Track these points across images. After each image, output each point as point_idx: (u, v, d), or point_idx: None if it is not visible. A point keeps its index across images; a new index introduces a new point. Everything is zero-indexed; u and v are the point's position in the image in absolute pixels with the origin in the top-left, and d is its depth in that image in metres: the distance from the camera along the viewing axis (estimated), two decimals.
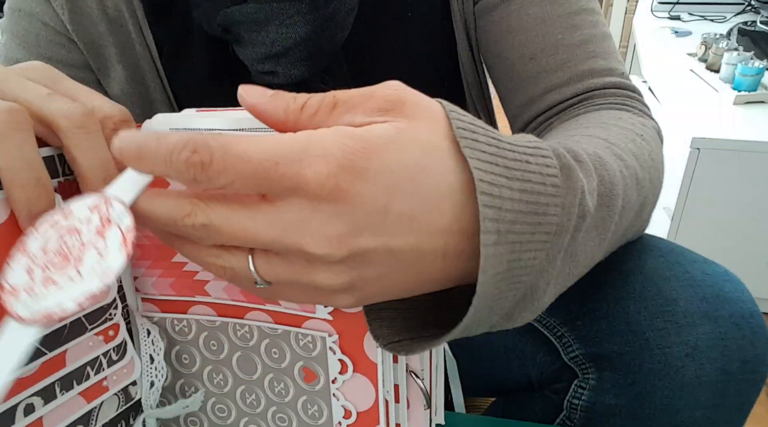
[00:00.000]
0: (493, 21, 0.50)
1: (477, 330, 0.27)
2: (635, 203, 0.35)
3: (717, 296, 0.40)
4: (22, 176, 0.25)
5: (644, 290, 0.41)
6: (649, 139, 0.41)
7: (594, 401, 0.44)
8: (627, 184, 0.33)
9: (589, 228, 0.29)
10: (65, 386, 0.28)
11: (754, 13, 1.64)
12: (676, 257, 0.43)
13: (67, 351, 0.28)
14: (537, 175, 0.25)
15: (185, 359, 0.37)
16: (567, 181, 0.26)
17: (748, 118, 1.16)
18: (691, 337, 0.39)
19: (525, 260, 0.25)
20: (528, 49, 0.48)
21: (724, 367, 0.39)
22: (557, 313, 0.47)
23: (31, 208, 0.26)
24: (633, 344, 0.41)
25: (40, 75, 0.29)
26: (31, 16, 0.50)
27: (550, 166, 0.25)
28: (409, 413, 0.34)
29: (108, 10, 0.50)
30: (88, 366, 0.29)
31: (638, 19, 1.79)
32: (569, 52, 0.47)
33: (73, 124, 0.27)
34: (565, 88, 0.47)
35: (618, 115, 0.44)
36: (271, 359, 0.35)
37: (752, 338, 0.39)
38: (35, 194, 0.25)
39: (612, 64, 0.48)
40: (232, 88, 0.36)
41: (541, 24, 0.48)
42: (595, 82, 0.47)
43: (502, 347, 0.54)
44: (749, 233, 1.18)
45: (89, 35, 0.51)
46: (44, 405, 0.27)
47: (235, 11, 0.45)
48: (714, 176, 1.13)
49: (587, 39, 0.48)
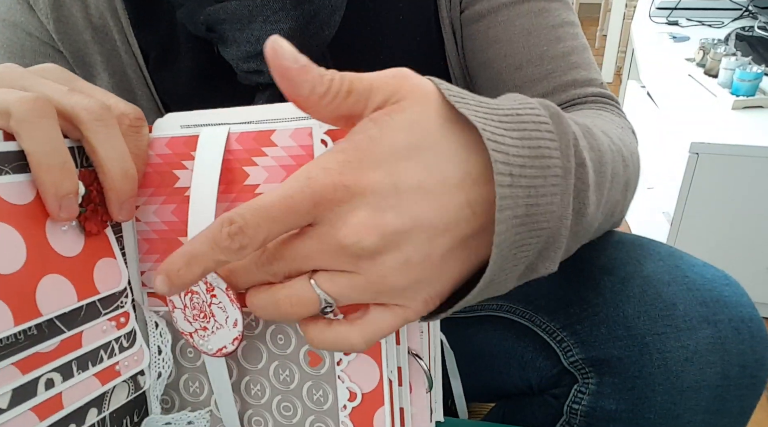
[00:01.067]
0: (480, 31, 0.51)
1: (504, 283, 0.28)
2: (622, 179, 0.37)
3: (716, 300, 0.40)
4: (49, 160, 0.27)
5: (644, 294, 0.41)
6: (628, 133, 0.43)
7: (594, 405, 0.44)
8: (614, 157, 0.35)
9: (591, 182, 0.30)
10: (81, 366, 0.30)
11: (752, 19, 1.65)
12: (675, 261, 0.43)
13: (83, 333, 0.30)
14: (531, 124, 0.26)
15: (190, 352, 0.37)
16: (559, 127, 0.27)
17: (747, 123, 1.16)
18: (690, 341, 0.39)
19: (543, 206, 0.26)
20: (515, 60, 0.50)
21: (724, 371, 0.39)
22: (557, 317, 0.47)
23: (57, 190, 0.27)
24: (633, 349, 0.41)
25: (57, 76, 0.31)
26: (15, 26, 0.50)
27: (540, 115, 0.27)
28: (412, 397, 0.34)
29: (93, 18, 0.50)
30: (101, 349, 0.31)
31: (636, 25, 1.80)
32: (554, 64, 0.49)
33: (93, 116, 0.29)
34: (550, 97, 0.49)
35: (598, 113, 0.47)
36: (277, 345, 0.35)
37: (752, 342, 0.39)
38: (60, 178, 0.27)
39: (592, 75, 0.50)
40: (219, 91, 0.38)
41: (527, 36, 0.49)
42: (578, 92, 0.49)
43: (502, 351, 0.54)
44: (748, 237, 1.18)
45: (75, 44, 0.51)
46: (63, 382, 0.29)
47: (218, 9, 0.45)
48: (713, 181, 1.14)
49: (570, 51, 0.50)
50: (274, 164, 0.33)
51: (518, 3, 0.49)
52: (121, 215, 0.32)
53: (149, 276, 0.36)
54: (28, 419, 0.27)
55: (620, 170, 0.36)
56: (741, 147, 1.09)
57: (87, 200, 0.30)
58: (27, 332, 0.27)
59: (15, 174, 0.27)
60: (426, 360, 0.34)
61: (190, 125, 0.35)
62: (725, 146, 1.09)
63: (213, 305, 0.33)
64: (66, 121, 0.29)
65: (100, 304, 0.32)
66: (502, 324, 0.53)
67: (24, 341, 0.27)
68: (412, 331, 0.34)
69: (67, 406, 0.29)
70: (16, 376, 0.26)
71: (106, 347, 0.32)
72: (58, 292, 0.28)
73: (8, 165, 0.26)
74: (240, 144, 0.34)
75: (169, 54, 0.51)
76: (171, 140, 0.35)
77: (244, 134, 0.34)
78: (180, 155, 0.35)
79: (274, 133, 0.33)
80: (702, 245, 1.21)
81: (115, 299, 0.33)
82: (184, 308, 0.34)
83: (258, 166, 0.33)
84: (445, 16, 0.52)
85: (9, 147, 0.27)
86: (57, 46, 0.51)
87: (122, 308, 0.33)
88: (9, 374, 0.26)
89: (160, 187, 0.35)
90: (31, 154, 0.27)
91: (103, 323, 0.32)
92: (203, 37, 0.48)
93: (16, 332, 0.26)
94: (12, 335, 0.26)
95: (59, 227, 0.29)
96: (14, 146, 0.27)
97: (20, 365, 0.26)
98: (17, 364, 0.26)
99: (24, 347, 0.27)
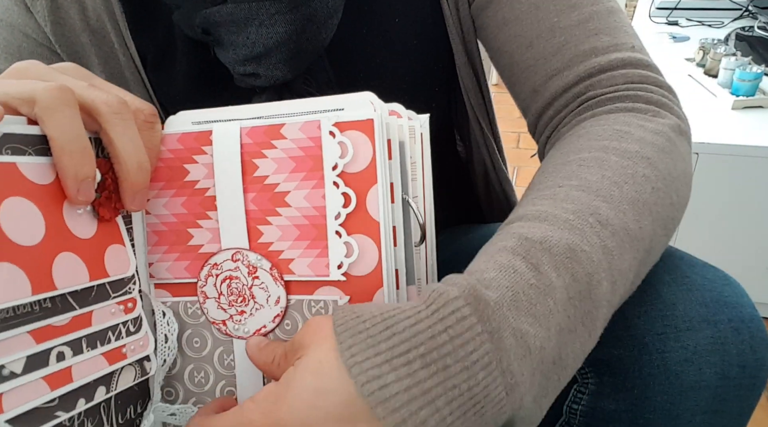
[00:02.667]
0: (489, 17, 0.50)
1: None
2: (633, 264, 0.35)
3: (716, 300, 0.40)
4: (70, 146, 0.29)
5: (643, 294, 0.41)
6: (660, 151, 0.39)
7: (593, 405, 0.44)
8: (613, 255, 0.34)
9: (568, 329, 0.31)
10: (91, 343, 0.32)
11: (752, 19, 1.65)
12: (675, 261, 0.43)
13: (93, 313, 0.32)
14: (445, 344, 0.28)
15: (196, 342, 0.38)
16: (497, 346, 0.28)
17: (747, 123, 1.16)
18: (690, 341, 0.39)
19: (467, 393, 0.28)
20: (525, 38, 0.47)
21: (724, 371, 0.39)
22: None
23: (77, 174, 0.29)
24: (632, 349, 0.41)
25: (76, 73, 0.33)
26: (12, 27, 0.50)
27: (471, 341, 0.28)
28: None
29: (90, 21, 0.50)
30: (109, 331, 0.33)
31: (636, 25, 1.80)
32: (567, 34, 0.45)
33: (112, 110, 0.31)
34: (566, 71, 0.45)
35: (625, 127, 0.41)
36: (283, 331, 0.36)
37: (752, 342, 0.39)
38: (80, 162, 0.29)
39: (619, 39, 0.45)
40: (216, 94, 0.40)
41: (535, 10, 0.46)
42: (599, 60, 0.44)
43: None
44: (748, 237, 1.18)
45: (72, 46, 0.50)
46: (73, 356, 0.30)
47: (214, 12, 0.45)
48: (712, 181, 1.13)
49: (587, 17, 0.45)
50: (284, 156, 0.35)
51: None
52: (134, 204, 0.33)
53: (157, 267, 0.37)
54: (40, 387, 0.29)
55: (627, 260, 0.35)
56: (741, 147, 1.09)
57: (102, 187, 0.32)
58: (42, 304, 0.29)
59: (36, 156, 0.29)
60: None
61: (201, 122, 0.37)
62: (725, 146, 1.09)
63: (254, 287, 0.35)
64: (86, 113, 0.30)
65: (109, 287, 0.34)
66: None
67: (39, 312, 0.29)
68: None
69: (77, 379, 0.31)
70: (31, 344, 0.28)
71: (113, 329, 0.34)
72: (72, 269, 0.30)
73: (30, 147, 0.29)
74: (250, 138, 0.36)
75: (166, 57, 0.51)
76: (182, 136, 0.37)
77: (254, 129, 0.36)
78: (191, 150, 0.37)
79: (284, 126, 0.35)
80: (702, 245, 1.21)
81: (123, 284, 0.35)
82: (219, 296, 0.36)
83: (267, 158, 0.35)
84: (449, 15, 0.51)
85: (32, 130, 0.29)
86: (54, 48, 0.51)
87: (130, 294, 0.35)
88: (24, 342, 0.28)
89: (171, 181, 0.37)
90: (54, 139, 0.28)
91: (111, 306, 0.33)
92: (200, 40, 0.48)
93: (32, 303, 0.28)
94: (28, 305, 0.28)
95: (75, 209, 0.31)
96: (37, 130, 0.29)
97: (34, 335, 0.28)
98: (32, 333, 0.28)
99: (38, 317, 0.29)
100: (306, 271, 0.35)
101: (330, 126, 0.34)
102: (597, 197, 0.35)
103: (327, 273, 0.34)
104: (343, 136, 0.34)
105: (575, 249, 0.32)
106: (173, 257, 0.37)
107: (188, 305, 0.38)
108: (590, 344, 0.33)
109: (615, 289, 0.34)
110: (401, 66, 0.52)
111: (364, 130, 0.33)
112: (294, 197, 0.35)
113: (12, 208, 0.27)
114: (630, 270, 0.35)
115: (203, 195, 0.37)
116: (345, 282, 0.34)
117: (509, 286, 0.30)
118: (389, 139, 0.34)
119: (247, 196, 0.36)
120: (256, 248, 0.36)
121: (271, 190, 0.35)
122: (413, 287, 0.36)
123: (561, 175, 0.39)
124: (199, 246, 0.37)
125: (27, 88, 0.28)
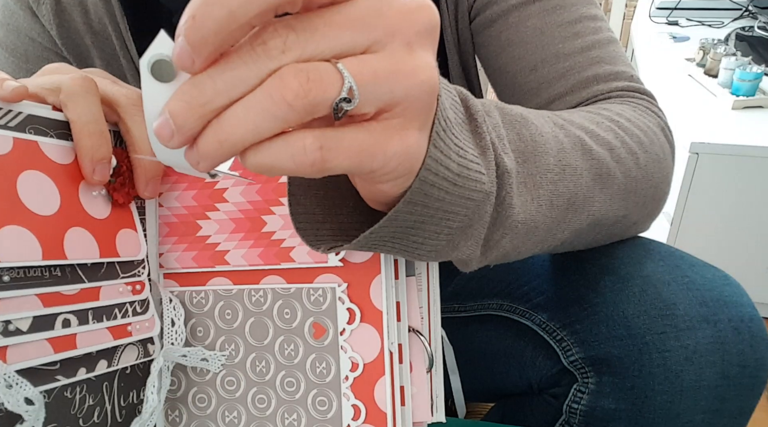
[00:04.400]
0: (492, 36, 0.50)
1: (419, 235, 0.27)
2: (584, 172, 0.35)
3: (716, 300, 0.40)
4: (89, 128, 0.31)
5: (643, 293, 0.41)
6: (636, 126, 0.40)
7: (593, 405, 0.44)
8: (564, 146, 0.33)
9: (517, 184, 0.30)
10: (96, 316, 0.33)
11: (752, 19, 1.65)
12: (675, 261, 0.43)
13: (102, 288, 0.34)
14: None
15: (200, 331, 0.39)
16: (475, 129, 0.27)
17: (747, 123, 1.16)
18: (690, 341, 0.39)
19: (471, 175, 0.26)
20: (528, 61, 0.47)
21: (724, 371, 0.39)
22: (557, 317, 0.47)
23: (94, 154, 0.31)
24: (632, 348, 0.41)
25: (101, 74, 0.35)
26: (18, 31, 0.50)
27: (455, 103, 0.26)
28: (412, 376, 0.35)
29: (93, 24, 0.50)
30: (116, 308, 0.35)
31: (636, 25, 1.80)
32: (571, 60, 0.46)
33: (131, 102, 0.33)
34: (569, 97, 0.46)
35: (610, 106, 0.42)
36: (283, 320, 0.37)
37: (752, 342, 0.39)
38: (98, 143, 0.31)
39: (619, 68, 0.47)
40: None
41: (540, 35, 0.47)
42: (601, 88, 0.46)
43: (502, 351, 0.53)
44: (748, 237, 1.18)
45: (77, 48, 0.51)
46: (78, 325, 0.32)
47: None
48: (713, 181, 1.13)
49: (589, 45, 0.47)
50: None
51: (529, 3, 0.47)
52: (147, 190, 0.35)
53: (166, 257, 0.39)
54: (44, 348, 0.30)
55: (580, 163, 0.34)
56: (741, 147, 1.09)
57: (117, 173, 0.34)
58: (52, 272, 0.31)
59: (58, 139, 0.31)
60: (426, 338, 0.36)
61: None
62: (725, 146, 1.09)
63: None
64: (106, 105, 0.33)
65: (119, 267, 0.35)
66: (502, 323, 0.53)
67: (48, 278, 0.30)
68: (412, 309, 0.35)
69: (80, 347, 0.32)
70: (38, 306, 0.30)
71: (120, 306, 0.35)
72: (83, 244, 0.32)
73: (52, 130, 0.31)
74: None
75: None
76: None
77: None
78: None
79: None
80: (702, 245, 1.21)
81: (133, 267, 0.36)
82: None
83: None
84: (448, 26, 0.51)
85: (55, 115, 0.31)
86: (60, 51, 0.51)
87: (138, 278, 0.37)
88: (31, 303, 0.29)
89: (183, 175, 0.39)
90: (74, 121, 0.31)
91: (119, 285, 0.35)
92: None
93: (42, 269, 0.30)
94: (39, 270, 0.30)
95: (91, 191, 0.33)
96: (60, 116, 0.32)
97: (42, 298, 0.30)
98: (40, 296, 0.30)
99: (48, 283, 0.30)
100: (306, 258, 0.36)
101: None
102: (557, 116, 0.36)
103: (325, 259, 0.35)
104: None
105: (529, 120, 0.32)
106: (182, 247, 0.39)
107: (193, 294, 0.39)
108: (540, 220, 0.32)
109: (560, 173, 0.33)
110: None
111: None
112: None
113: (30, 180, 0.30)
114: (581, 175, 0.34)
115: (213, 187, 0.38)
116: (343, 269, 0.35)
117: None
118: None
119: (252, 187, 0.37)
120: (260, 237, 0.37)
121: (275, 181, 0.37)
122: (413, 278, 0.36)
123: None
124: (207, 237, 0.38)
125: (54, 79, 0.31)
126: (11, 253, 0.28)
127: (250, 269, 0.37)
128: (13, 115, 0.29)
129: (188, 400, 0.39)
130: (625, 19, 2.50)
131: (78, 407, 0.33)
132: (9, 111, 0.29)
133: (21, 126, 0.30)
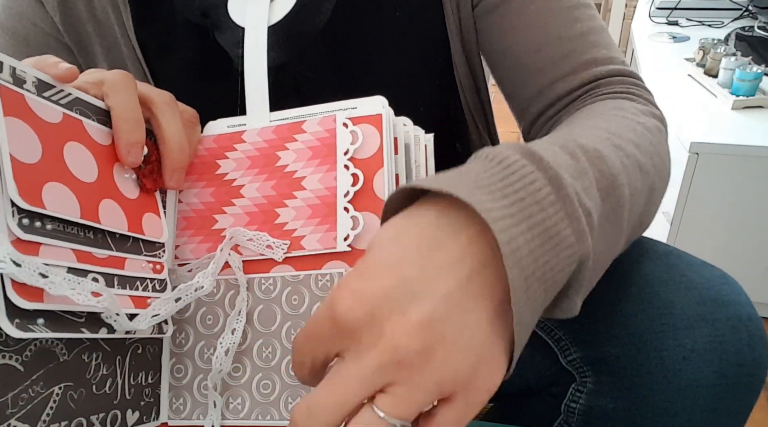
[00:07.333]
0: (494, 21, 0.51)
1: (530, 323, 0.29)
2: (643, 189, 0.36)
3: (715, 299, 0.40)
4: (126, 115, 0.35)
5: (642, 293, 0.41)
6: (651, 127, 0.42)
7: (591, 404, 0.44)
8: (630, 173, 0.34)
9: (600, 223, 0.30)
10: (121, 283, 0.36)
11: (752, 19, 1.65)
12: (673, 261, 0.43)
13: (127, 260, 0.37)
14: (533, 204, 0.26)
15: (209, 319, 0.40)
16: (560, 192, 0.26)
17: (747, 123, 1.16)
18: (688, 340, 0.39)
19: (556, 272, 0.26)
20: (533, 43, 0.50)
21: (722, 370, 0.39)
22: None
23: (129, 138, 0.35)
24: (630, 348, 0.41)
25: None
26: (20, 15, 0.51)
27: (536, 182, 0.26)
28: None
29: (96, 12, 0.51)
30: (138, 281, 0.38)
31: (636, 25, 1.80)
32: (572, 44, 0.49)
33: (163, 100, 0.38)
34: (572, 77, 0.49)
35: (621, 104, 0.45)
36: (291, 306, 0.38)
37: (750, 341, 0.39)
38: (133, 128, 0.36)
39: (612, 53, 0.49)
40: (217, 80, 0.44)
41: (543, 19, 0.49)
42: (600, 70, 0.48)
43: None
44: (748, 237, 1.18)
45: (78, 35, 0.52)
46: (105, 286, 0.34)
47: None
48: (713, 181, 1.13)
49: (587, 31, 0.49)
50: (303, 147, 0.40)
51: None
52: (172, 180, 0.39)
53: (182, 249, 0.42)
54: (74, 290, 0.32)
55: (638, 183, 0.35)
56: (741, 147, 1.09)
57: (147, 161, 0.38)
58: (86, 233, 0.34)
59: (98, 123, 0.36)
60: None
61: (236, 125, 0.43)
62: (725, 146, 1.09)
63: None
64: (141, 103, 0.37)
65: (142, 244, 0.38)
66: None
67: (83, 237, 0.34)
68: None
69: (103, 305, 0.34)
70: (72, 259, 0.33)
71: (142, 280, 0.38)
72: (114, 215, 0.36)
73: (94, 115, 0.36)
74: (275, 134, 0.41)
75: (168, 46, 0.52)
76: (218, 137, 0.43)
77: (279, 127, 0.41)
78: (223, 148, 0.42)
79: (305, 123, 0.40)
80: (702, 245, 1.21)
81: (155, 247, 0.39)
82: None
83: (289, 150, 0.40)
84: (450, 13, 0.52)
85: (98, 103, 0.36)
86: (61, 38, 0.52)
87: (159, 259, 0.40)
88: (68, 255, 0.32)
89: (203, 174, 0.42)
90: (114, 108, 0.35)
91: (142, 261, 0.38)
92: (199, 23, 0.49)
93: (78, 228, 0.33)
94: (75, 228, 0.33)
95: (123, 173, 0.37)
96: (101, 104, 0.36)
97: (77, 254, 0.33)
98: (75, 252, 0.33)
99: (83, 242, 0.33)
100: (315, 245, 0.37)
101: (344, 119, 0.39)
102: (609, 133, 0.37)
103: (334, 245, 0.37)
104: (355, 127, 0.38)
105: (601, 151, 0.32)
106: (198, 239, 0.41)
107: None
108: (617, 246, 0.34)
109: (632, 202, 0.34)
110: (397, 57, 0.53)
111: (374, 123, 0.38)
112: (309, 181, 0.39)
113: (74, 150, 0.33)
114: (641, 194, 0.36)
115: (230, 185, 0.41)
116: (350, 254, 0.37)
117: (553, 158, 0.28)
118: (396, 137, 0.38)
119: (267, 183, 0.40)
120: (272, 228, 0.39)
121: (290, 176, 0.39)
122: None
123: (570, 129, 0.39)
124: (222, 229, 0.41)
125: (98, 74, 0.37)
126: (55, 204, 0.31)
127: (261, 259, 0.39)
128: (64, 95, 0.34)
129: (193, 387, 0.40)
130: (625, 19, 2.50)
131: (93, 373, 0.35)
132: (61, 90, 0.34)
133: (69, 105, 0.34)
